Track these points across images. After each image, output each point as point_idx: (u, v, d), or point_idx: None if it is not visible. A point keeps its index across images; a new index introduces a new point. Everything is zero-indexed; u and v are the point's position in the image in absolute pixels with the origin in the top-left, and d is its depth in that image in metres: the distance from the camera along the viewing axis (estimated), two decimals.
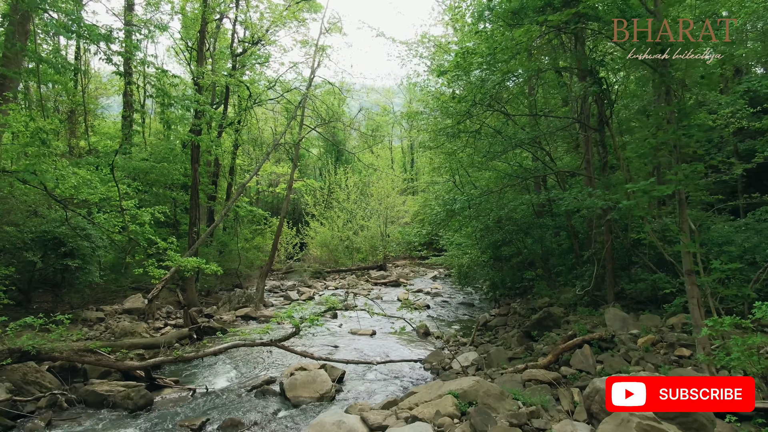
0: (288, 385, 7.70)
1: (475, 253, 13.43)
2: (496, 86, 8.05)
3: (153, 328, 12.73)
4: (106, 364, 7.34)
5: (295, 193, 35.05)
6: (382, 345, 10.92)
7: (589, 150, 11.36)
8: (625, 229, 9.41)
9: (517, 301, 14.42)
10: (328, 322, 12.87)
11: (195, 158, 16.84)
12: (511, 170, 12.15)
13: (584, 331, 7.67)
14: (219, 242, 21.64)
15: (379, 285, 21.32)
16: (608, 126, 9.14)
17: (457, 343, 10.98)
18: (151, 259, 10.24)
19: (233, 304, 14.70)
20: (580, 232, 11.44)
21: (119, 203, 9.84)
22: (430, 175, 18.08)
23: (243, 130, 24.48)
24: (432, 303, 16.12)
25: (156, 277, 10.50)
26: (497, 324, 11.70)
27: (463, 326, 12.98)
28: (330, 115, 19.24)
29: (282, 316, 8.40)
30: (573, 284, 11.47)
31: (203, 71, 16.24)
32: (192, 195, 16.93)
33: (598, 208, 7.35)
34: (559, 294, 11.11)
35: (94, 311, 13.69)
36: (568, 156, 12.20)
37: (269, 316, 13.84)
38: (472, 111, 8.44)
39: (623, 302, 9.35)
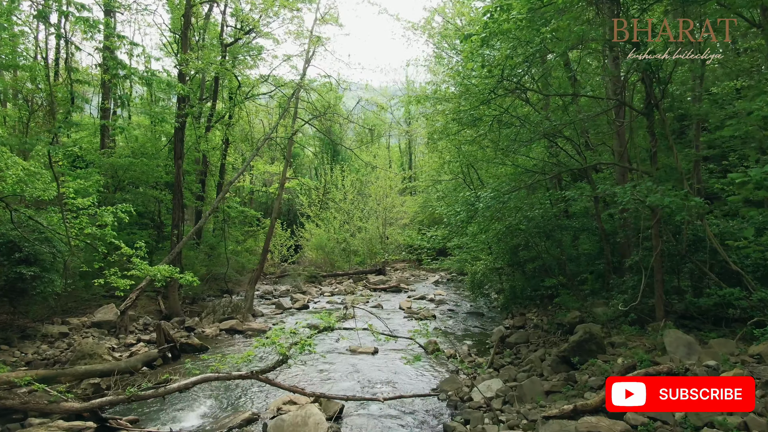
0: (273, 429, 6.01)
1: (488, 259, 11.76)
2: (531, 58, 6.41)
3: (123, 345, 10.98)
4: (35, 407, 5.60)
5: (290, 194, 33.29)
6: (386, 366, 9.23)
7: (622, 139, 9.75)
8: (677, 233, 7.77)
9: (533, 312, 12.78)
10: (324, 339, 11.15)
11: (178, 153, 15.10)
12: (533, 164, 10.52)
13: (645, 360, 6.01)
14: (207, 245, 19.86)
15: (379, 291, 19.63)
16: (658, 109, 7.50)
17: (473, 364, 9.31)
18: (113, 268, 8.51)
19: (218, 314, 12.96)
20: (614, 234, 9.82)
21: (63, 201, 8.08)
22: (437, 171, 16.38)
23: (235, 126, 22.77)
24: (438, 312, 14.44)
25: (121, 288, 8.77)
26: (517, 340, 10.03)
27: (476, 341, 11.31)
28: (325, 107, 17.52)
29: (266, 342, 6.69)
30: (604, 295, 9.83)
31: (187, 58, 14.51)
32: (174, 194, 15.17)
33: (664, 206, 5.71)
34: (590, 306, 9.47)
35: (59, 324, 11.92)
36: (598, 148, 10.54)
37: (257, 329, 12.10)
38: (498, 89, 6.79)
39: (675, 320, 7.72)
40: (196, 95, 18.75)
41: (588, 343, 7.03)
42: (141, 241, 8.69)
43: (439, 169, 15.48)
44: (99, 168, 15.69)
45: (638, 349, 6.92)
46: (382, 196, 25.45)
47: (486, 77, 6.60)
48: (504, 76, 6.61)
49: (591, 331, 7.16)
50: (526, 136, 8.05)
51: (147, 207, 18.94)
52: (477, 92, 7.27)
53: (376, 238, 25.31)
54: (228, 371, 6.60)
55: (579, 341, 7.07)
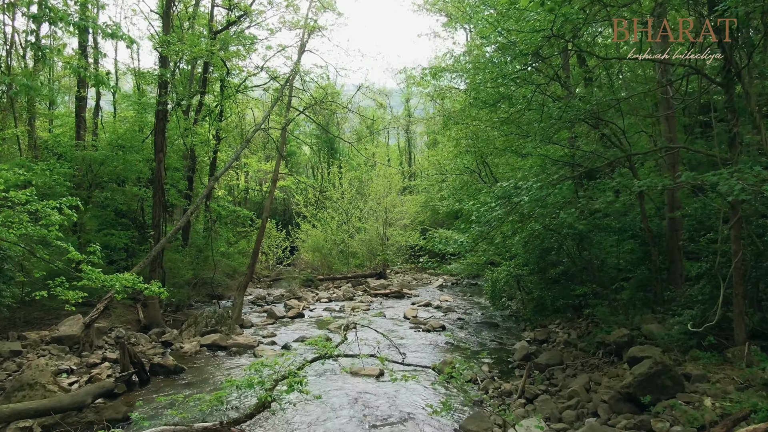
0: None
1: (510, 264, 10.05)
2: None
3: (85, 365, 9.21)
4: None
5: (285, 193, 31.51)
6: (395, 395, 7.50)
7: (672, 122, 8.11)
8: (762, 235, 6.10)
9: (556, 323, 11.09)
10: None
11: (159, 146, 13.34)
12: (560, 155, 8.84)
13: (763, 410, 4.31)
14: (195, 247, 18.08)
15: (380, 296, 17.90)
16: (740, 79, 5.83)
17: (498, 392, 7.61)
18: (60, 278, 6.77)
19: (199, 327, 11.20)
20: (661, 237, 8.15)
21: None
22: (444, 165, 14.64)
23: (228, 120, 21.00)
24: (447, 322, 12.73)
25: (71, 301, 7.02)
26: (548, 361, 8.32)
27: (496, 358, 9.61)
28: (322, 96, 15.78)
29: (242, 383, 4.97)
30: (658, 309, 8.15)
31: (168, 39, 12.78)
32: (155, 190, 13.41)
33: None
34: (639, 323, 7.79)
35: (15, 339, 10.15)
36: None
37: (244, 344, 10.36)
38: (545, 47, 5.11)
39: (761, 342, 6.05)
40: (186, 88, 17.06)
41: (661, 377, 5.34)
42: (95, 245, 6.94)
43: (451, 161, 13.72)
44: (71, 162, 13.93)
45: (726, 385, 5.24)
46: (382, 195, 23.71)
47: (534, 28, 4.94)
48: (553, 32, 4.95)
49: (663, 360, 5.47)
50: (569, 116, 6.36)
51: (130, 206, 17.19)
52: (517, 52, 5.56)
53: (376, 240, 23.57)
54: (190, 423, 4.85)
55: (648, 374, 5.37)
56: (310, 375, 7.93)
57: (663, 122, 8.26)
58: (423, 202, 27.14)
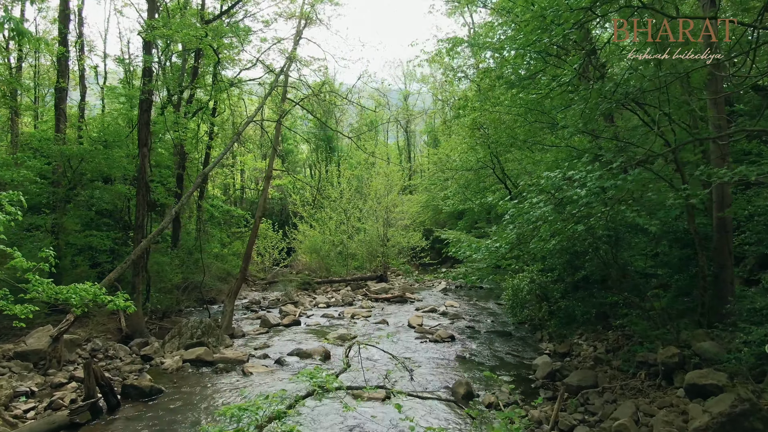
0: None
1: (533, 269, 8.87)
2: None
3: (49, 385, 7.97)
4: None
5: (282, 192, 30.28)
6: (402, 426, 6.31)
7: (721, 107, 6.99)
8: None
9: (578, 334, 9.91)
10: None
11: (143, 140, 12.10)
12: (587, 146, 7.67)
13: None
14: (185, 249, 16.82)
15: (381, 301, 16.70)
16: None
17: (525, 420, 6.42)
18: (2, 290, 5.55)
19: (184, 338, 9.96)
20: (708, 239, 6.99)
21: None
22: (461, 154, 13.38)
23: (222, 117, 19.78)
24: (455, 331, 11.53)
25: (20, 316, 5.80)
26: (581, 383, 7.14)
27: (514, 375, 8.42)
28: (320, 87, 14.56)
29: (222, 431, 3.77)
30: (699, 321, 7.00)
31: (153, 24, 11.55)
32: (138, 187, 12.15)
33: None
34: (689, 339, 6.62)
35: None
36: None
37: (232, 359, 9.14)
38: None
39: None
40: (175, 80, 15.83)
41: (749, 419, 4.16)
42: (48, 249, 5.72)
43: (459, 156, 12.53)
44: (49, 158, 12.67)
45: None
46: (382, 194, 22.50)
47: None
48: None
49: (750, 398, 4.29)
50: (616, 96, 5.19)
51: (116, 205, 15.95)
52: (549, 22, 4.39)
53: (376, 241, 22.36)
54: None
55: (732, 415, 4.20)
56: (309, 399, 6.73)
57: (711, 107, 7.09)
58: (424, 202, 25.98)
